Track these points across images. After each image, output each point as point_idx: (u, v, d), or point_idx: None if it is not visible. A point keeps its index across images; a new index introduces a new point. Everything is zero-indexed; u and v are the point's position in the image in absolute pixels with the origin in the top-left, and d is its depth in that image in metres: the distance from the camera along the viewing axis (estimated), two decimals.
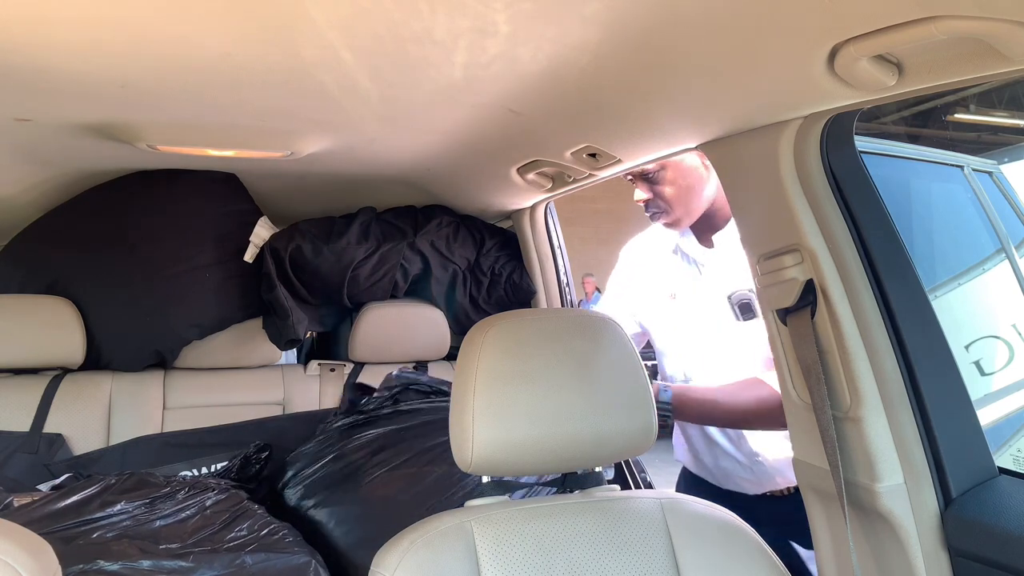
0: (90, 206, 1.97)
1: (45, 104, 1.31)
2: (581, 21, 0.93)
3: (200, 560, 1.32)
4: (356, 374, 2.21)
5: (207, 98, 1.28)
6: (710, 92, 1.10)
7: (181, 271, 1.98)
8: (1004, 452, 2.74)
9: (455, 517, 1.07)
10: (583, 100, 1.24)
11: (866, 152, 1.21)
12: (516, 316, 1.14)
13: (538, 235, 2.23)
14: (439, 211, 2.25)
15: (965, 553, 1.08)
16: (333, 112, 1.37)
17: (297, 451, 1.75)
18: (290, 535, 1.45)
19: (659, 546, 1.08)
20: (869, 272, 1.15)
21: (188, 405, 2.03)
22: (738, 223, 1.32)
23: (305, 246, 2.03)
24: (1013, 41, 0.77)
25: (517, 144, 1.58)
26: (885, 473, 1.12)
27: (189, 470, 1.90)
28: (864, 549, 1.19)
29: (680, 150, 1.40)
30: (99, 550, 1.32)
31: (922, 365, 1.14)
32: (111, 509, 1.44)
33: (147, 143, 1.55)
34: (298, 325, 2.04)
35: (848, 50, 0.87)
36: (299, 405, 2.13)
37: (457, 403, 1.07)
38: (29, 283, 1.96)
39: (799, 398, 1.25)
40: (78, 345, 1.92)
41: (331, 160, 1.76)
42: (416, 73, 1.15)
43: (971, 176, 3.16)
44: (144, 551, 1.33)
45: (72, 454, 1.85)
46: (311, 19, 0.95)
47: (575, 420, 1.07)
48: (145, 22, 0.96)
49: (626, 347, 1.15)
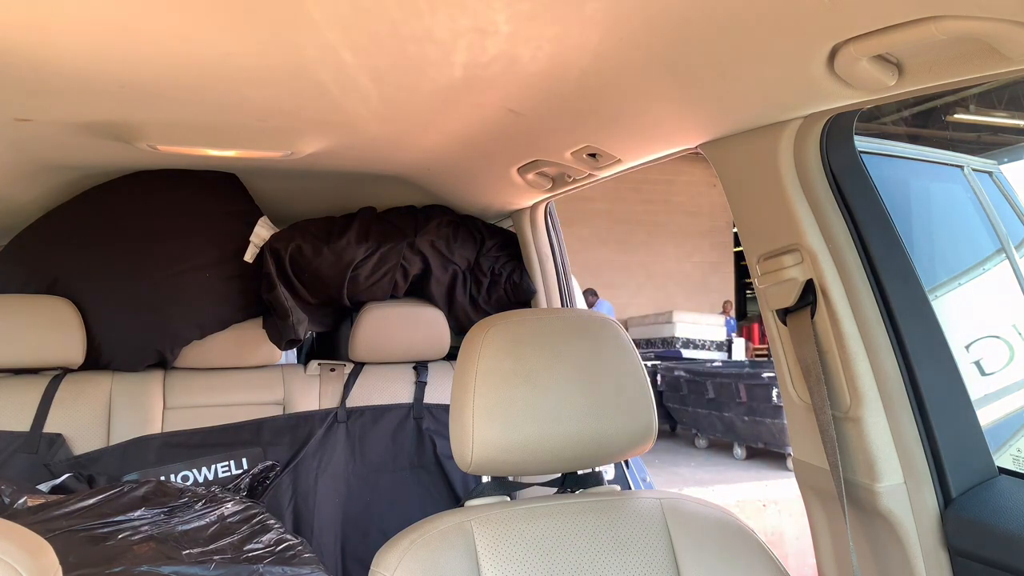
0: (90, 206, 1.97)
1: (45, 104, 1.31)
2: (581, 21, 0.93)
3: (220, 568, 1.34)
4: (356, 374, 2.22)
5: (207, 98, 1.28)
6: (710, 92, 1.10)
7: (181, 271, 1.98)
8: (1004, 452, 2.74)
9: (455, 517, 1.07)
10: (583, 100, 1.24)
11: (866, 152, 1.21)
12: (516, 316, 1.14)
13: (538, 235, 2.23)
14: (439, 211, 2.25)
15: (965, 553, 1.08)
16: (333, 112, 1.37)
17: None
18: (306, 551, 1.48)
19: (659, 546, 1.08)
20: (869, 272, 1.15)
21: (188, 405, 2.03)
22: (738, 223, 1.32)
23: (305, 246, 2.03)
24: (1013, 41, 0.77)
25: (517, 144, 1.58)
26: (885, 473, 1.12)
27: (189, 470, 1.90)
28: (864, 549, 1.19)
29: (680, 150, 1.40)
30: (125, 552, 1.34)
31: (922, 365, 1.14)
32: (132, 513, 1.47)
33: (147, 143, 1.55)
34: (298, 325, 2.04)
35: (848, 50, 0.87)
36: (299, 405, 2.13)
37: (457, 403, 1.07)
38: (29, 283, 1.96)
39: (799, 398, 1.25)
40: (78, 345, 1.92)
41: (331, 160, 1.76)
42: (416, 73, 1.15)
43: (971, 176, 3.16)
44: (168, 556, 1.35)
45: (72, 454, 1.85)
46: (311, 19, 0.95)
47: (575, 420, 1.07)
48: (145, 22, 0.96)
49: (626, 347, 1.15)
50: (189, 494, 1.57)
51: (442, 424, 2.19)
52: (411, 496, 2.12)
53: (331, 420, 2.09)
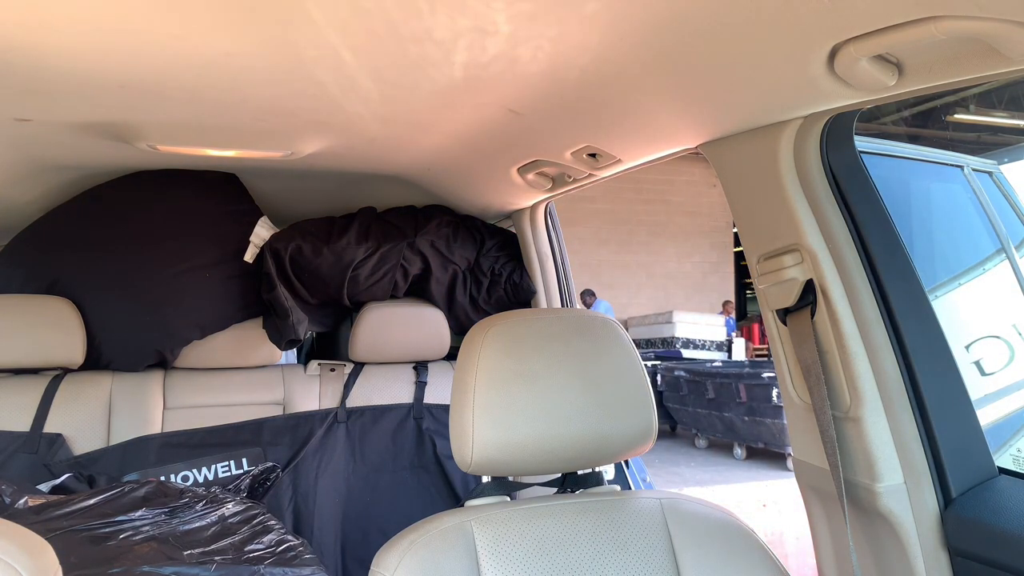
0: (90, 206, 1.97)
1: (45, 104, 1.31)
2: (581, 21, 0.93)
3: (221, 568, 1.35)
4: (356, 374, 2.22)
5: (207, 98, 1.28)
6: (710, 92, 1.10)
7: (181, 271, 1.98)
8: (1004, 452, 2.74)
9: (455, 517, 1.07)
10: (583, 100, 1.24)
11: (866, 152, 1.21)
12: (516, 316, 1.14)
13: (538, 235, 2.23)
14: (439, 211, 2.25)
15: (965, 553, 1.08)
16: (333, 112, 1.37)
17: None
18: (306, 552, 1.48)
19: (659, 546, 1.08)
20: (869, 272, 1.15)
21: (188, 405, 2.03)
22: (738, 223, 1.32)
23: (305, 246, 2.03)
24: (1013, 41, 0.77)
25: (517, 144, 1.58)
26: (885, 473, 1.12)
27: (189, 471, 1.90)
28: (864, 549, 1.19)
29: (680, 150, 1.40)
30: (126, 552, 1.34)
31: (922, 365, 1.14)
32: (133, 514, 1.47)
33: (147, 143, 1.55)
34: (298, 325, 2.04)
35: (848, 50, 0.87)
36: (299, 405, 2.13)
37: (457, 403, 1.07)
38: (29, 283, 1.96)
39: (799, 398, 1.25)
40: (78, 345, 1.92)
41: (331, 160, 1.76)
42: (416, 73, 1.15)
43: (971, 176, 3.16)
44: (169, 556, 1.36)
45: (72, 454, 1.85)
46: (311, 19, 0.95)
47: (575, 420, 1.07)
48: (145, 22, 0.96)
49: (626, 347, 1.15)
50: (190, 494, 1.58)
51: (442, 424, 2.19)
52: (411, 496, 2.12)
53: (331, 420, 2.09)
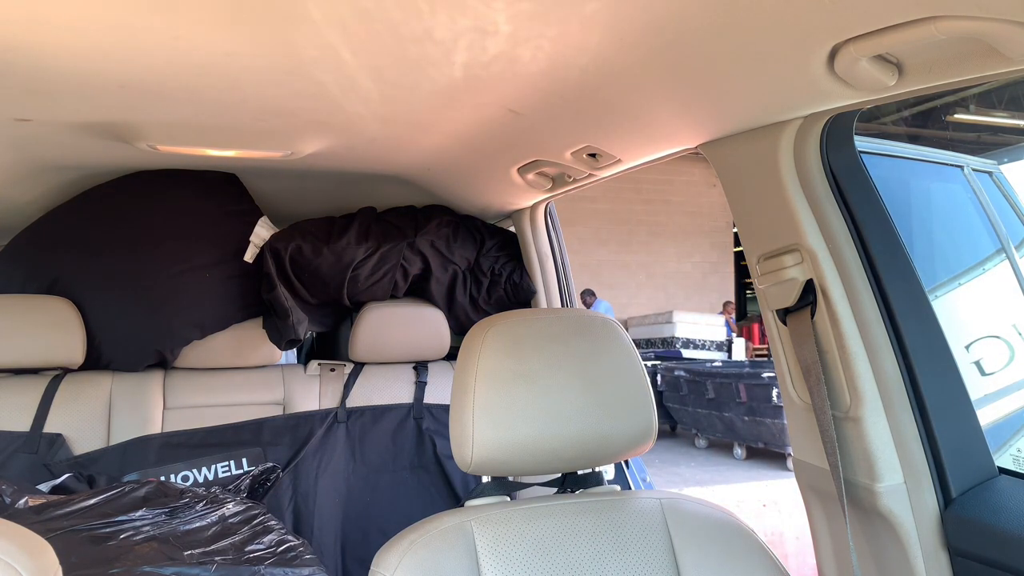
0: (90, 206, 1.97)
1: (45, 104, 1.31)
2: (581, 21, 0.94)
3: (222, 569, 1.35)
4: (356, 374, 2.22)
5: (207, 98, 1.28)
6: (710, 92, 1.10)
7: (181, 271, 1.98)
8: (1004, 452, 2.74)
9: (455, 517, 1.07)
10: (583, 100, 1.24)
11: (866, 152, 1.21)
12: (516, 316, 1.14)
13: (538, 235, 2.23)
14: (439, 211, 2.25)
15: (965, 553, 1.08)
16: (333, 112, 1.37)
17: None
18: (306, 552, 1.48)
19: (659, 546, 1.08)
20: (869, 272, 1.15)
21: (188, 405, 2.03)
22: (738, 223, 1.32)
23: (305, 246, 2.03)
24: (1013, 41, 0.77)
25: (517, 144, 1.58)
26: (885, 473, 1.12)
27: (189, 470, 1.90)
28: (864, 549, 1.19)
29: (680, 150, 1.40)
30: (126, 552, 1.34)
31: (922, 365, 1.14)
32: (134, 514, 1.47)
33: (147, 143, 1.55)
34: (298, 325, 2.04)
35: (848, 50, 0.87)
36: (299, 405, 2.13)
37: (457, 403, 1.07)
38: (29, 283, 1.96)
39: (799, 398, 1.25)
40: (78, 345, 1.92)
41: (331, 160, 1.76)
42: (416, 73, 1.15)
43: (971, 176, 3.16)
44: (169, 556, 1.36)
45: (72, 454, 1.85)
46: (311, 19, 0.95)
47: (575, 420, 1.07)
48: (145, 22, 0.96)
49: (626, 347, 1.15)
50: (190, 495, 1.58)
51: (442, 424, 2.19)
52: (411, 496, 2.12)
53: (331, 420, 2.09)
